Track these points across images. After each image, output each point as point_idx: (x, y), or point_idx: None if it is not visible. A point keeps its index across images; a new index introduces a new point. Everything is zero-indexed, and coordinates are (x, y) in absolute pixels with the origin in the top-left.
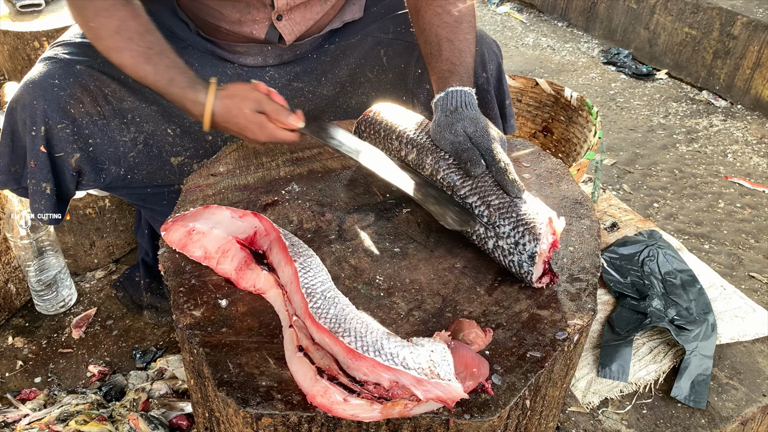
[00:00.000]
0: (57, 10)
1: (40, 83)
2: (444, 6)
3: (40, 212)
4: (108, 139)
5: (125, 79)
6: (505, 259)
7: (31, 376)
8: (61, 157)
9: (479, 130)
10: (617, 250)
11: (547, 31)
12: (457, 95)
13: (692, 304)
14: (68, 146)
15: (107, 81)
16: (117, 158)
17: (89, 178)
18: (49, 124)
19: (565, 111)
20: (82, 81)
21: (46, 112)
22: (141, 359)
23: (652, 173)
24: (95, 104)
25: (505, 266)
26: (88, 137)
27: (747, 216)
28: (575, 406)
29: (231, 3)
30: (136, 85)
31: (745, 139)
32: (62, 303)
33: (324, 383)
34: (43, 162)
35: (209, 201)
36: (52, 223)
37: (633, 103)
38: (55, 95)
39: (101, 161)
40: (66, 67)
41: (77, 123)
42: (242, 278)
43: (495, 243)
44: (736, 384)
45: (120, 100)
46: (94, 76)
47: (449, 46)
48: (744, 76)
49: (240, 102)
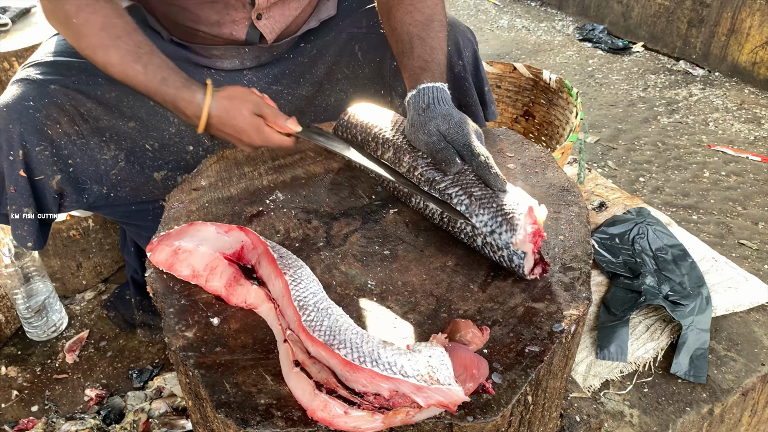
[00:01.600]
0: (24, 29)
1: (15, 106)
2: (415, 4)
3: (23, 238)
4: (88, 158)
5: (101, 96)
6: (495, 254)
7: (27, 405)
8: (41, 180)
9: (452, 126)
10: (607, 230)
11: (521, 12)
12: (429, 92)
13: (685, 278)
14: (48, 168)
15: (83, 100)
16: (98, 177)
17: (71, 199)
18: (27, 148)
19: (545, 94)
20: (57, 101)
21: (23, 136)
22: (138, 379)
23: (635, 148)
24: (72, 124)
25: (497, 261)
26: (67, 158)
27: (732, 183)
28: (576, 392)
29: (209, 4)
30: (111, 102)
31: (725, 106)
32: (53, 328)
33: (323, 397)
34: (23, 186)
35: (193, 216)
36: (36, 248)
37: (612, 79)
38: (30, 117)
39: (83, 181)
40: (40, 87)
41: (55, 144)
42: (232, 294)
43: (484, 240)
44: (734, 355)
45: (96, 119)
46: (69, 95)
47: (421, 43)
48: (719, 43)
49: (239, 104)
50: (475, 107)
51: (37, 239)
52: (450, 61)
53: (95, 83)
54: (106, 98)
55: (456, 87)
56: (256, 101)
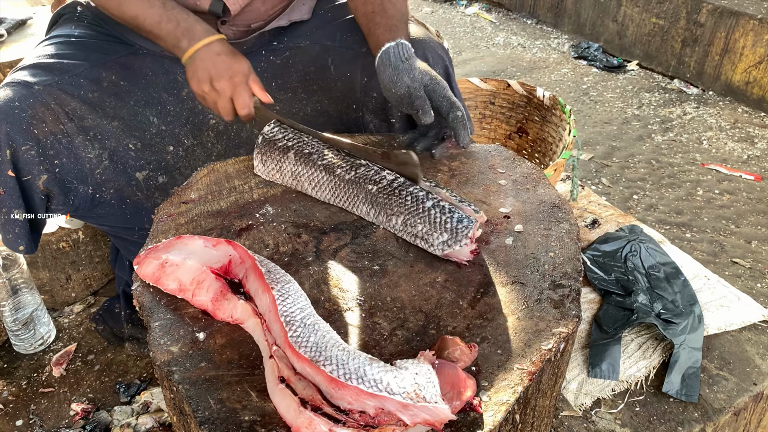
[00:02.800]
0: (19, 40)
1: (2, 108)
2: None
3: (14, 242)
4: (74, 157)
5: (84, 96)
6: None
7: (12, 419)
8: (28, 181)
9: (434, 77)
10: (599, 248)
11: (516, 30)
12: (407, 47)
13: (677, 296)
14: (35, 168)
15: (67, 99)
16: (83, 176)
17: (58, 201)
18: (14, 147)
19: (539, 111)
20: (42, 100)
21: (10, 135)
22: (125, 393)
23: (629, 165)
24: (58, 123)
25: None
26: (53, 157)
27: (726, 202)
28: (567, 410)
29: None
30: (95, 102)
31: (719, 125)
32: (41, 341)
33: (308, 414)
34: (12, 187)
35: (182, 230)
36: (28, 252)
37: (606, 96)
38: (16, 117)
39: (68, 181)
40: (25, 88)
41: (42, 144)
42: (219, 309)
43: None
44: (726, 374)
45: (81, 117)
46: (54, 95)
47: (392, 6)
48: (713, 62)
49: (236, 55)
50: None
51: (29, 243)
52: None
53: (77, 84)
54: (89, 98)
55: None
56: (250, 67)
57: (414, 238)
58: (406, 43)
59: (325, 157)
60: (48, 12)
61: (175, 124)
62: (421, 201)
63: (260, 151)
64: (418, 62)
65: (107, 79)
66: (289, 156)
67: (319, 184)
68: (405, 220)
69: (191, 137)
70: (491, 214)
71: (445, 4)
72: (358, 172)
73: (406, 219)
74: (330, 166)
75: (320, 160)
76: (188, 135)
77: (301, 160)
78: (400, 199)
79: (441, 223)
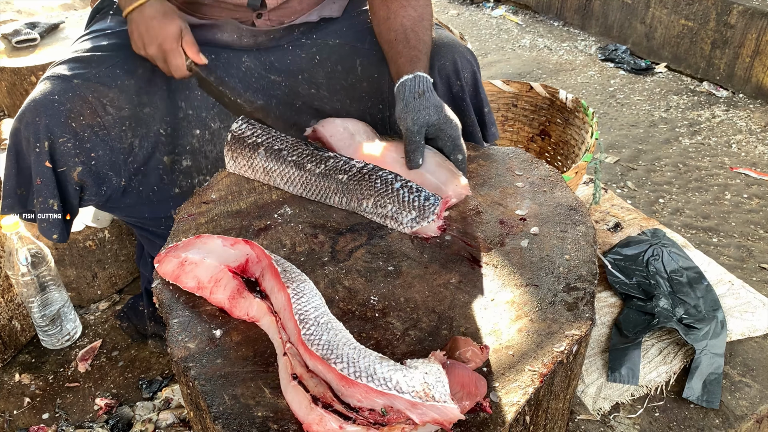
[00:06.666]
0: (52, 44)
1: (41, 101)
2: (409, 1)
3: (48, 231)
4: (109, 149)
5: (122, 85)
6: (411, 194)
7: (39, 412)
8: (64, 172)
9: (442, 118)
10: (621, 251)
11: (543, 32)
12: (424, 81)
13: (700, 301)
14: (70, 160)
15: (104, 91)
16: (117, 167)
17: (91, 192)
18: (52, 139)
19: (561, 113)
20: (80, 93)
21: (48, 127)
22: (147, 389)
23: (656, 168)
24: (95, 115)
25: (406, 200)
26: (90, 150)
27: (755, 206)
28: (584, 414)
29: None
30: (132, 89)
31: (749, 128)
32: (67, 337)
33: (319, 411)
34: (49, 178)
35: (202, 229)
36: (61, 240)
37: (633, 99)
38: (55, 110)
39: (102, 173)
40: (64, 82)
41: (78, 136)
42: (235, 307)
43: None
44: (749, 381)
45: (119, 108)
46: (92, 88)
47: (415, 36)
48: (744, 64)
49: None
50: (473, 128)
51: (62, 232)
52: (448, 82)
53: (114, 75)
54: (125, 86)
55: (453, 107)
56: (184, 28)
57: (384, 219)
58: (423, 76)
59: (295, 152)
60: (80, 16)
61: (202, 108)
62: (390, 183)
63: (230, 148)
64: (433, 98)
65: (141, 66)
66: (260, 152)
67: (291, 179)
68: (375, 202)
69: (218, 120)
70: (507, 216)
71: (472, 7)
72: (327, 164)
73: (376, 200)
74: (300, 161)
75: (290, 156)
76: (215, 118)
77: (272, 156)
78: (369, 182)
79: (409, 201)
